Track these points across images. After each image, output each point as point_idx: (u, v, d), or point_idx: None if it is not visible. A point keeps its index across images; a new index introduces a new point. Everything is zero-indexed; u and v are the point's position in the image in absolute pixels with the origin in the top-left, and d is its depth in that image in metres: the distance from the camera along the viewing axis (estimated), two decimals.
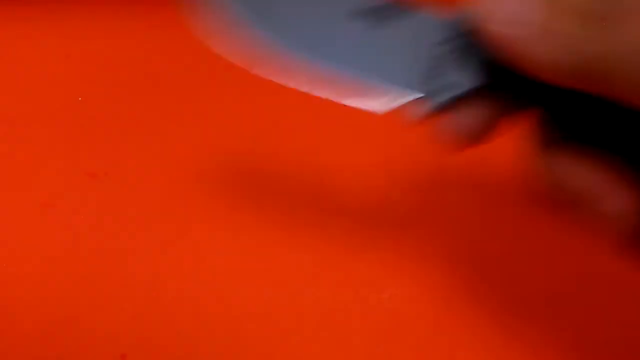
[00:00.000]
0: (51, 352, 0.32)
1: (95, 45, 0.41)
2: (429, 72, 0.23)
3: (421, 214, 0.35)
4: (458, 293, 0.33)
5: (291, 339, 0.32)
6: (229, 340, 0.32)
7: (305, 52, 0.24)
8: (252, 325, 0.32)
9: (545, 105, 0.22)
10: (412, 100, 0.23)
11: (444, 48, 0.23)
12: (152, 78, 0.40)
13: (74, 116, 0.39)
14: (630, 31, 0.17)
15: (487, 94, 0.23)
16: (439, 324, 0.33)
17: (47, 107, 0.40)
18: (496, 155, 0.28)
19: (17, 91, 0.40)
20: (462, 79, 0.23)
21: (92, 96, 0.40)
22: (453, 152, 0.25)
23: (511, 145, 0.24)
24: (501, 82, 0.22)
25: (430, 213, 0.35)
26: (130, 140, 0.38)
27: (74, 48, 0.41)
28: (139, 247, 0.34)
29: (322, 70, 0.24)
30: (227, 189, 0.37)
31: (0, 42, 0.42)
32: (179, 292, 0.33)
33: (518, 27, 0.19)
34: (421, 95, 0.23)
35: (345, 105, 0.24)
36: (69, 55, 0.41)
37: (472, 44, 0.22)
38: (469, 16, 0.22)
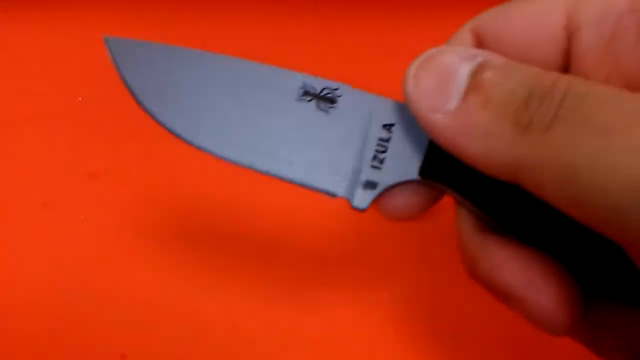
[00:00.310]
0: (51, 352, 0.32)
1: (96, 45, 0.41)
2: (371, 158, 0.23)
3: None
4: (457, 293, 0.33)
5: (291, 339, 0.32)
6: (228, 340, 0.32)
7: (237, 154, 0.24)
8: (251, 325, 0.33)
9: (474, 198, 0.22)
10: (352, 190, 0.23)
11: (384, 133, 0.23)
12: None
13: (74, 116, 0.39)
14: (555, 138, 0.18)
15: (421, 181, 0.23)
16: (439, 323, 0.33)
17: (47, 107, 0.40)
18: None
19: (17, 91, 0.40)
20: (402, 167, 0.23)
21: (92, 96, 0.40)
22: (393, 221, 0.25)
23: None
24: (435, 173, 0.22)
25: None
26: (130, 140, 0.38)
27: (74, 48, 0.41)
28: (139, 247, 0.35)
29: (260, 171, 0.24)
30: (226, 188, 0.37)
31: (0, 42, 0.42)
32: (179, 292, 0.33)
33: (459, 124, 0.20)
34: (360, 185, 0.23)
35: None
36: (69, 55, 0.41)
37: (412, 131, 0.23)
38: (413, 103, 0.21)
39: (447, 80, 0.20)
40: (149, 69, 0.25)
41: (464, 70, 0.20)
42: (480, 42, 0.24)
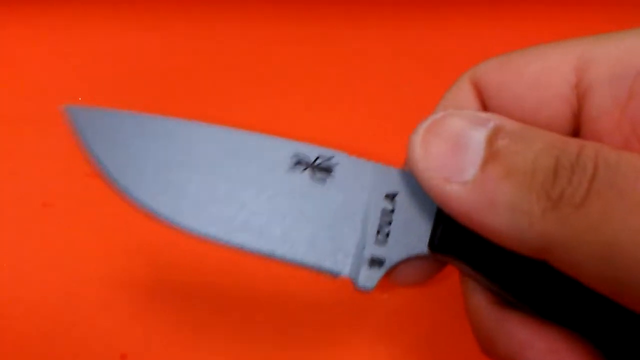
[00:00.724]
0: (51, 351, 0.32)
1: (95, 45, 0.41)
2: (375, 232, 0.21)
3: None
4: (456, 294, 0.33)
5: (291, 339, 0.32)
6: (228, 341, 0.32)
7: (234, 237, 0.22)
8: (252, 323, 0.32)
9: (490, 272, 0.21)
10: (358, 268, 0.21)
11: (388, 203, 0.21)
12: (152, 78, 0.40)
13: None
14: (591, 213, 0.17)
15: (430, 255, 0.21)
16: (438, 323, 0.33)
17: (47, 107, 0.39)
18: None
19: (17, 91, 0.40)
20: (409, 241, 0.21)
21: (92, 96, 0.40)
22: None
23: None
24: (447, 246, 0.21)
25: None
26: None
27: (74, 48, 0.41)
28: (139, 246, 0.34)
29: (257, 253, 0.22)
30: None
31: (0, 42, 0.42)
32: (179, 292, 0.33)
33: (478, 197, 0.18)
34: (365, 262, 0.21)
35: None
36: (69, 55, 0.41)
37: (417, 199, 0.21)
38: (422, 172, 0.20)
39: (460, 147, 0.19)
40: (121, 142, 0.22)
41: (479, 136, 0.19)
42: (480, 95, 0.23)
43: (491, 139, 0.19)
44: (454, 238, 0.21)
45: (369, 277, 0.22)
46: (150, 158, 0.22)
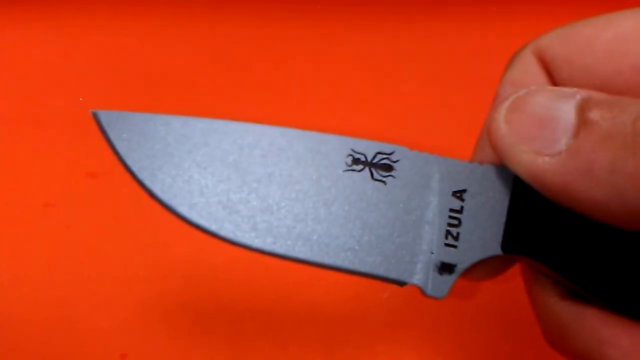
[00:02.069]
0: (51, 351, 0.32)
1: (95, 45, 0.41)
2: (444, 234, 0.20)
3: None
4: (455, 292, 0.33)
5: (291, 339, 0.32)
6: (227, 341, 0.32)
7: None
8: (252, 323, 0.32)
9: (568, 271, 0.19)
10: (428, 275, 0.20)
11: (456, 202, 0.20)
12: (151, 78, 0.40)
13: (75, 116, 0.39)
14: None
15: (505, 256, 0.20)
16: (439, 322, 0.33)
17: (47, 107, 0.39)
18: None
19: (17, 91, 0.40)
20: (481, 242, 0.20)
21: (93, 96, 0.40)
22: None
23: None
24: (521, 245, 0.19)
25: None
26: None
27: (74, 48, 0.41)
28: (138, 247, 0.34)
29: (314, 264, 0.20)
30: None
31: (0, 42, 0.42)
32: (179, 292, 0.33)
33: (575, 166, 0.17)
34: (434, 268, 0.20)
35: None
36: (70, 56, 0.41)
37: (488, 195, 0.20)
38: (509, 149, 0.18)
39: (549, 120, 0.18)
40: (153, 145, 0.20)
41: (567, 108, 0.18)
42: (546, 68, 0.22)
43: (581, 109, 0.18)
44: (528, 236, 0.19)
45: (439, 285, 0.20)
46: (182, 161, 0.20)
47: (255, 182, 0.20)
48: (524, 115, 0.18)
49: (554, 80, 0.22)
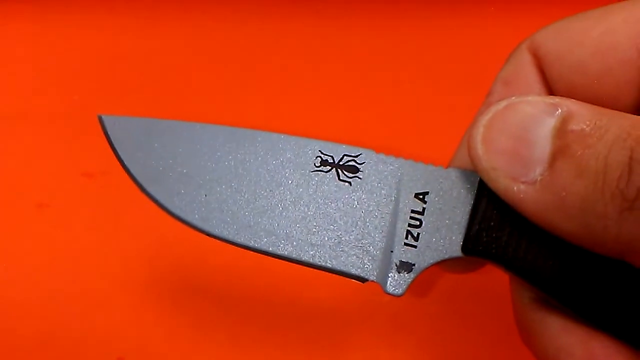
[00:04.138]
0: (49, 353, 0.31)
1: (94, 44, 0.41)
2: (404, 234, 0.20)
3: None
4: (457, 294, 0.33)
5: (292, 340, 0.32)
6: (227, 341, 0.32)
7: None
8: (252, 324, 0.32)
9: (528, 275, 0.20)
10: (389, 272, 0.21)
11: (418, 203, 0.20)
12: (150, 77, 0.40)
13: (70, 116, 0.39)
14: None
15: (465, 258, 0.20)
16: (440, 325, 0.33)
17: (42, 106, 0.39)
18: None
19: (12, 90, 0.40)
20: (441, 244, 0.20)
21: (89, 95, 0.39)
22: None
23: None
24: (481, 249, 0.20)
25: None
26: None
27: (70, 47, 0.41)
28: (134, 247, 0.34)
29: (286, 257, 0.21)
30: None
31: None
32: (177, 293, 0.33)
33: (549, 197, 0.17)
34: (393, 267, 0.20)
35: None
36: (68, 55, 0.41)
37: (450, 198, 0.20)
38: (486, 172, 0.19)
39: (525, 142, 0.18)
40: (148, 149, 0.22)
41: (545, 130, 0.17)
42: (540, 64, 0.22)
43: (560, 130, 0.17)
44: (489, 240, 0.20)
45: (397, 283, 0.21)
46: (173, 162, 0.22)
47: (227, 179, 0.21)
48: (500, 135, 0.18)
49: (546, 77, 0.22)
